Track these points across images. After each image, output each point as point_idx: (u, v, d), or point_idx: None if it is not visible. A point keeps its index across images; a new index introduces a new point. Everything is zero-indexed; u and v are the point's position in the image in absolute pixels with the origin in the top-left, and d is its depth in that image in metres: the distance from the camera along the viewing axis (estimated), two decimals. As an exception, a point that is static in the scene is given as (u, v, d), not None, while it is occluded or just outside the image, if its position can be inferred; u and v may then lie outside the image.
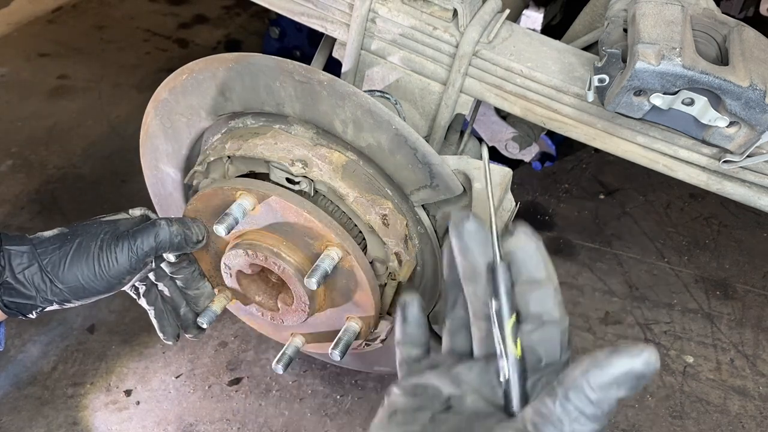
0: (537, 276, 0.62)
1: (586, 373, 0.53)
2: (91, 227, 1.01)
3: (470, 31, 1.05)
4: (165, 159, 1.25)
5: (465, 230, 0.63)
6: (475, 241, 0.63)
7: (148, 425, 1.52)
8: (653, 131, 1.01)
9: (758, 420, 1.59)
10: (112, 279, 0.99)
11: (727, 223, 2.10)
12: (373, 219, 1.04)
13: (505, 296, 0.61)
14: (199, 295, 1.17)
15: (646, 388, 1.65)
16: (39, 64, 2.70)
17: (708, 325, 1.80)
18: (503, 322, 0.60)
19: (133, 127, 1.39)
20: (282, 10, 1.19)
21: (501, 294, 0.61)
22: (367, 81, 1.17)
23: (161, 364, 1.64)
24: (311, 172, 1.02)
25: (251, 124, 1.11)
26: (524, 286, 0.61)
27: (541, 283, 0.61)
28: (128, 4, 3.12)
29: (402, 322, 0.74)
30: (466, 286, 0.65)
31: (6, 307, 0.97)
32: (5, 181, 2.14)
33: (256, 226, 1.07)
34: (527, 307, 0.61)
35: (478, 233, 0.63)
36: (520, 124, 1.72)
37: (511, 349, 0.60)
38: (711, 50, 0.93)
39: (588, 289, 1.89)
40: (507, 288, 0.61)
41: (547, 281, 0.61)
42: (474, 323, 0.65)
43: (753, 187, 1.00)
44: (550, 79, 1.04)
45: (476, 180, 1.02)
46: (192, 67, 1.09)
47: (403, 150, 1.01)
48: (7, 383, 1.59)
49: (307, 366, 1.65)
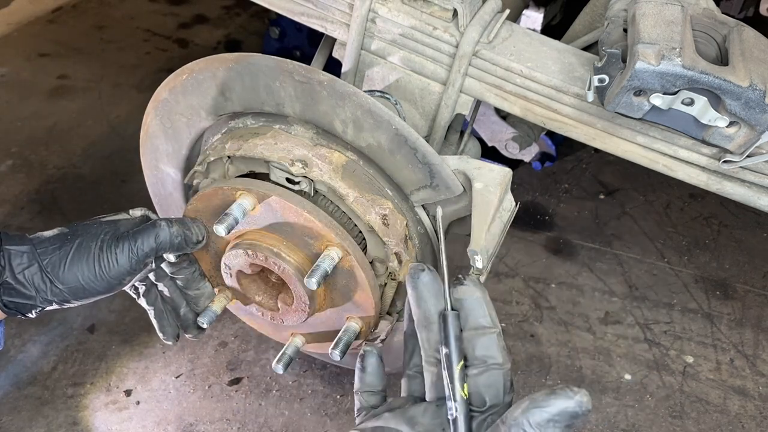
0: (482, 323, 0.69)
1: (526, 412, 0.61)
2: (92, 227, 1.01)
3: (470, 31, 1.05)
4: (165, 159, 1.25)
5: (420, 281, 0.71)
6: (429, 291, 0.71)
7: (148, 425, 1.52)
8: (653, 131, 1.01)
9: (758, 420, 1.59)
10: (112, 280, 0.99)
11: (727, 223, 2.10)
12: (373, 219, 1.04)
13: (454, 342, 0.68)
14: (199, 296, 1.17)
15: (646, 387, 1.65)
16: (39, 64, 2.71)
17: (708, 325, 1.80)
18: (452, 367, 0.67)
19: (133, 127, 1.39)
20: (282, 10, 1.19)
21: (450, 340, 0.68)
22: (367, 81, 1.17)
23: (161, 364, 1.64)
24: (311, 172, 1.02)
25: (251, 124, 1.11)
26: (471, 332, 0.69)
27: (486, 329, 0.69)
28: (128, 4, 3.12)
29: (361, 371, 0.82)
30: (420, 333, 0.72)
31: (6, 307, 0.97)
32: (5, 181, 2.15)
33: (256, 226, 1.07)
34: (474, 351, 0.68)
35: (432, 284, 0.71)
36: (520, 124, 1.72)
37: (459, 391, 0.67)
38: (711, 50, 0.93)
39: (588, 289, 1.89)
40: (456, 335, 0.68)
41: (491, 328, 0.69)
42: (426, 368, 0.73)
43: (753, 187, 1.00)
44: (550, 79, 1.04)
45: (476, 180, 1.02)
46: (192, 67, 1.09)
47: (403, 150, 1.01)
48: (7, 383, 1.59)
49: (307, 366, 1.65)
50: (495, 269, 1.94)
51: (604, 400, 1.63)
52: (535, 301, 1.85)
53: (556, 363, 1.70)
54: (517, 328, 1.78)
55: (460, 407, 0.66)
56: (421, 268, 0.71)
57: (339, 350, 1.08)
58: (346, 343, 1.10)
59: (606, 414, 1.60)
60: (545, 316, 1.81)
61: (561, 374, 1.68)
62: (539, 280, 1.91)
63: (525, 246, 2.02)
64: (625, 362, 1.71)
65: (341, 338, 1.10)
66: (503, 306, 1.84)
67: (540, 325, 1.79)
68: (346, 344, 1.10)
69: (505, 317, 1.81)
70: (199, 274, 1.16)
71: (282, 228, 1.05)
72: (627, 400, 1.62)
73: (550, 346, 1.74)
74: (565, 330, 1.78)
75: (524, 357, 1.71)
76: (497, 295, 1.86)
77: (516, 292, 1.88)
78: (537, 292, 1.88)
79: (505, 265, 1.95)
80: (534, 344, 1.74)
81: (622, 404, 1.62)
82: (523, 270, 1.94)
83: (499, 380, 0.68)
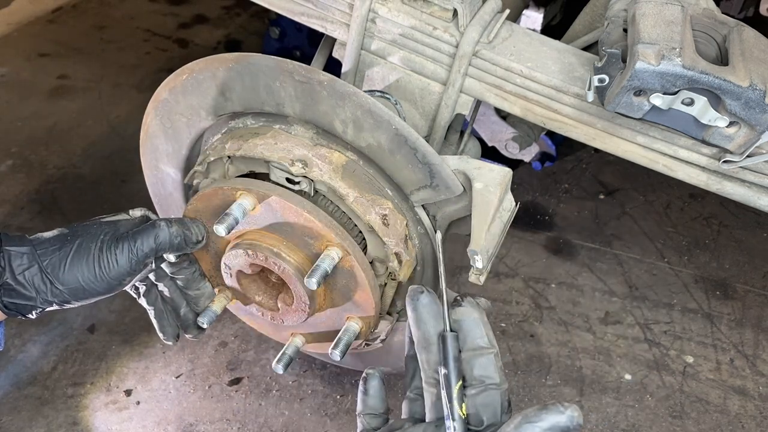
0: (480, 343, 0.71)
1: (519, 427, 0.62)
2: (91, 228, 1.01)
3: (470, 31, 1.05)
4: (165, 159, 1.25)
5: (419, 303, 0.73)
6: (428, 313, 0.72)
7: (148, 425, 1.52)
8: (653, 131, 1.01)
9: (758, 420, 1.59)
10: (112, 280, 0.99)
11: (727, 223, 2.10)
12: (373, 219, 1.04)
13: (453, 363, 0.69)
14: (199, 296, 1.17)
15: (646, 387, 1.65)
16: (39, 64, 2.70)
17: (708, 325, 1.80)
18: (451, 387, 0.69)
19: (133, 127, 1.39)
20: (282, 10, 1.19)
21: (449, 361, 0.70)
22: (367, 81, 1.17)
23: (161, 364, 1.64)
24: (311, 172, 1.02)
25: (251, 124, 1.11)
26: (469, 352, 0.70)
27: (483, 350, 0.70)
28: (128, 4, 3.12)
29: (363, 393, 0.83)
30: (420, 354, 0.73)
31: (6, 308, 0.97)
32: (5, 181, 2.15)
33: (256, 226, 1.07)
34: (472, 371, 0.70)
35: (431, 306, 0.73)
36: (520, 124, 1.72)
37: (457, 410, 0.68)
38: (711, 50, 0.93)
39: (588, 289, 1.89)
40: (455, 355, 0.70)
41: (489, 348, 0.71)
42: (426, 389, 0.74)
43: (753, 187, 1.00)
44: (550, 79, 1.04)
45: (476, 180, 1.02)
46: (192, 67, 1.09)
47: (403, 150, 1.01)
48: (7, 383, 1.59)
49: (307, 366, 1.65)
50: (495, 269, 1.94)
51: (604, 400, 1.63)
52: (535, 301, 1.85)
53: (556, 363, 1.70)
54: (517, 328, 1.78)
55: (458, 426, 0.68)
56: (420, 290, 0.73)
57: (339, 350, 1.08)
58: (346, 343, 1.10)
59: (606, 414, 1.60)
60: (545, 316, 1.81)
61: (561, 374, 1.68)
62: (539, 280, 1.91)
63: (525, 246, 2.02)
64: (625, 362, 1.71)
65: (341, 338, 1.10)
66: (503, 306, 1.84)
67: (540, 325, 1.79)
68: (346, 344, 1.10)
69: (505, 317, 1.81)
70: (199, 274, 1.16)
71: (282, 228, 1.05)
72: (627, 400, 1.62)
73: (550, 346, 1.74)
74: (565, 330, 1.78)
75: (524, 357, 1.71)
76: (497, 295, 1.86)
77: (516, 292, 1.88)
78: (537, 292, 1.88)
79: (505, 265, 1.95)
80: (534, 344, 1.74)
81: (622, 404, 1.61)
82: (523, 270, 1.94)
83: (496, 400, 0.69)
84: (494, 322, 1.80)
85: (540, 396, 1.64)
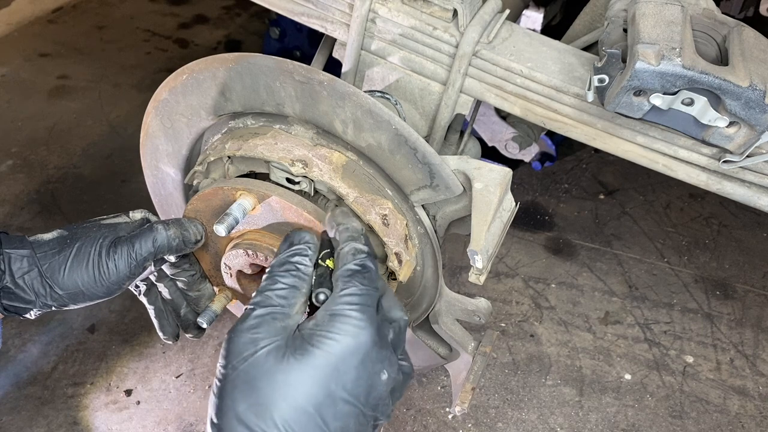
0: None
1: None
2: (90, 231, 1.01)
3: (470, 31, 1.05)
4: (165, 159, 1.25)
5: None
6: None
7: (149, 425, 1.52)
8: (653, 131, 1.01)
9: (758, 420, 1.59)
10: (111, 285, 0.99)
11: (727, 223, 2.10)
12: (373, 219, 1.04)
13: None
14: (200, 297, 1.17)
15: (646, 387, 1.65)
16: (39, 64, 2.71)
17: (708, 325, 1.80)
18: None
19: (133, 127, 1.40)
20: (282, 10, 1.19)
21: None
22: (367, 81, 1.17)
23: (161, 364, 1.64)
24: (311, 172, 1.02)
25: (251, 124, 1.11)
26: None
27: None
28: (128, 4, 3.13)
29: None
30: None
31: (6, 311, 0.97)
32: (5, 181, 2.15)
33: (256, 226, 1.07)
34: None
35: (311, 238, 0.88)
36: (520, 124, 1.72)
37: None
38: (711, 50, 0.93)
39: (588, 289, 1.89)
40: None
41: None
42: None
43: (753, 187, 1.00)
44: (550, 79, 1.04)
45: (476, 180, 1.02)
46: (192, 67, 1.09)
47: (403, 150, 1.01)
48: (7, 383, 1.60)
49: (307, 366, 1.65)
50: (495, 269, 1.94)
51: (604, 399, 1.63)
52: (535, 301, 1.85)
53: (556, 363, 1.70)
54: (517, 328, 1.78)
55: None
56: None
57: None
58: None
59: (606, 414, 1.60)
60: (545, 316, 1.81)
61: (561, 374, 1.68)
62: (539, 280, 1.91)
63: (525, 246, 2.02)
64: (625, 362, 1.71)
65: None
66: (503, 306, 1.84)
67: (540, 325, 1.79)
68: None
69: (505, 317, 1.81)
70: (199, 275, 1.16)
71: (282, 228, 1.05)
72: (627, 400, 1.63)
73: (550, 346, 1.74)
74: (565, 330, 1.78)
75: (524, 357, 1.71)
76: (497, 295, 1.86)
77: (516, 292, 1.88)
78: (537, 292, 1.88)
79: (505, 265, 1.95)
80: (534, 344, 1.74)
81: (622, 404, 1.62)
82: (523, 270, 1.94)
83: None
84: (494, 322, 1.80)
85: (540, 396, 1.64)
